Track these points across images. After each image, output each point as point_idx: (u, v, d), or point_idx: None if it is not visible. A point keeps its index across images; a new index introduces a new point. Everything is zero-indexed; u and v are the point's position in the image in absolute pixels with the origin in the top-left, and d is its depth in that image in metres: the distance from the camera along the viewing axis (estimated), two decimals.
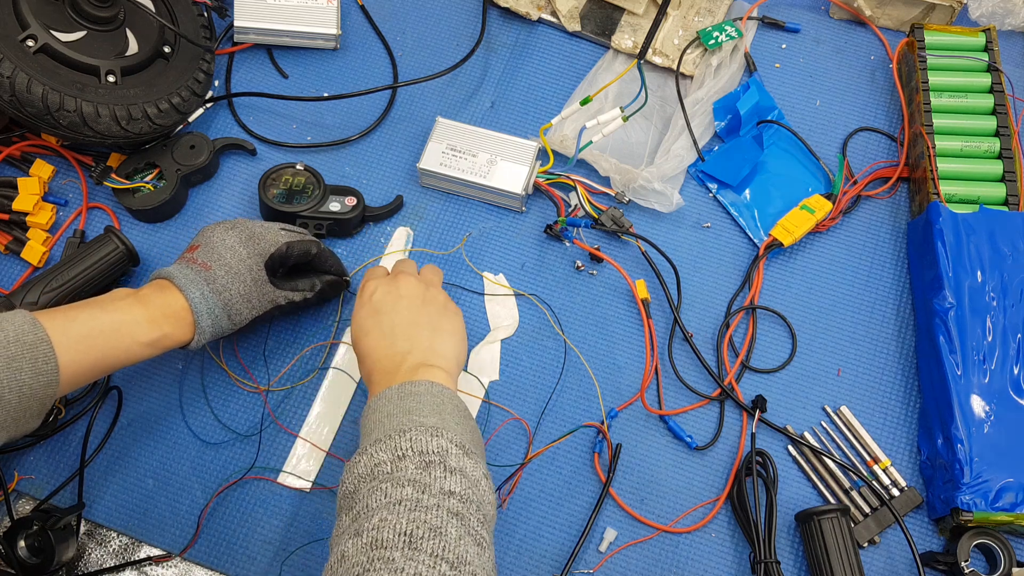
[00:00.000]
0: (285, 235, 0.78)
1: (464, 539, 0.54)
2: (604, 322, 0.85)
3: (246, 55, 0.99)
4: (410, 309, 0.73)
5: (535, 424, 0.81)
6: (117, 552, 0.77)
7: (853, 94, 0.97)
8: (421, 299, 0.74)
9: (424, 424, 0.61)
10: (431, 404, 0.64)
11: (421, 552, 0.51)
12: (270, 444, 0.80)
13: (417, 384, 0.65)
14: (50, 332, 0.64)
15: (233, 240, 0.75)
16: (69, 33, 0.82)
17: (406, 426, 0.60)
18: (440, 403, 0.64)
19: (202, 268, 0.73)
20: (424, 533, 0.53)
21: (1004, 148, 0.86)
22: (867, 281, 0.88)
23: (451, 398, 0.66)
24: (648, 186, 0.87)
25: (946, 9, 0.95)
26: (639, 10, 0.97)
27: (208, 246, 0.75)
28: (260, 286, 0.76)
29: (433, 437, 0.59)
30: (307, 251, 0.79)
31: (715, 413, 0.82)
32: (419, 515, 0.54)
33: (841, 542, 0.73)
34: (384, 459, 0.59)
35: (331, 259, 0.82)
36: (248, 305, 0.75)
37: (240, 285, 0.74)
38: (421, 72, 0.96)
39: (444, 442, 0.59)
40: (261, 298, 0.76)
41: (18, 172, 0.91)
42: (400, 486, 0.56)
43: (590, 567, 0.76)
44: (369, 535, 0.53)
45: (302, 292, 0.79)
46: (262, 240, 0.76)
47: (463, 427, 0.64)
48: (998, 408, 0.76)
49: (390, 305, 0.73)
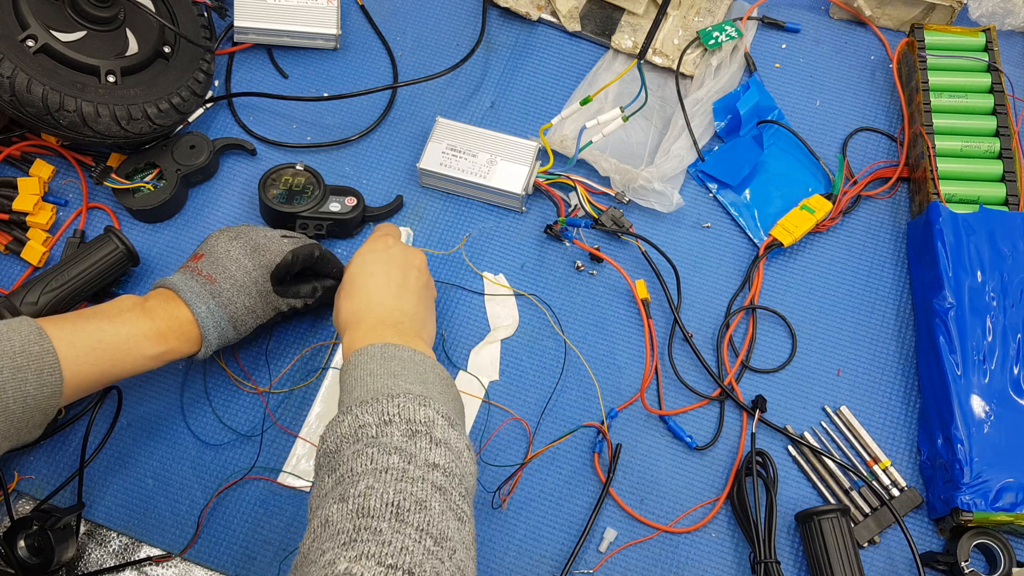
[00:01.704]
0: (288, 243, 0.78)
1: (446, 513, 0.54)
2: (604, 322, 0.85)
3: (246, 55, 0.99)
4: (419, 281, 0.76)
5: (535, 424, 0.81)
6: (117, 552, 0.77)
7: (853, 94, 0.97)
8: (427, 281, 0.77)
9: (411, 391, 0.61)
10: (415, 371, 0.64)
11: (407, 525, 0.51)
12: (270, 444, 0.80)
13: (401, 348, 0.66)
14: (56, 343, 0.64)
15: (238, 252, 0.75)
16: (69, 33, 0.82)
17: (393, 391, 0.61)
18: (423, 371, 0.64)
19: (207, 280, 0.73)
20: (410, 506, 0.53)
21: (1004, 148, 0.86)
22: (867, 281, 0.88)
23: (433, 367, 0.66)
24: (648, 186, 0.87)
25: (946, 9, 0.95)
26: (639, 10, 0.97)
27: (213, 257, 0.75)
28: (265, 297, 0.76)
29: (421, 406, 0.60)
30: (311, 255, 0.79)
31: (715, 413, 0.82)
32: (405, 486, 0.54)
33: (841, 542, 0.73)
34: (370, 422, 0.58)
35: (332, 261, 0.82)
36: (252, 316, 0.76)
37: (246, 298, 0.74)
38: (421, 72, 0.96)
39: (431, 412, 0.60)
40: (265, 307, 0.76)
41: (18, 172, 0.91)
42: (387, 453, 0.56)
43: (590, 567, 0.76)
44: (355, 502, 0.53)
45: (303, 299, 0.79)
46: (267, 252, 0.76)
47: (447, 396, 0.64)
48: (998, 408, 0.76)
49: (404, 266, 0.75)
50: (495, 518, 0.78)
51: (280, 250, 0.77)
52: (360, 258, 0.76)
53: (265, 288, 0.76)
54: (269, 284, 0.76)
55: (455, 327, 0.85)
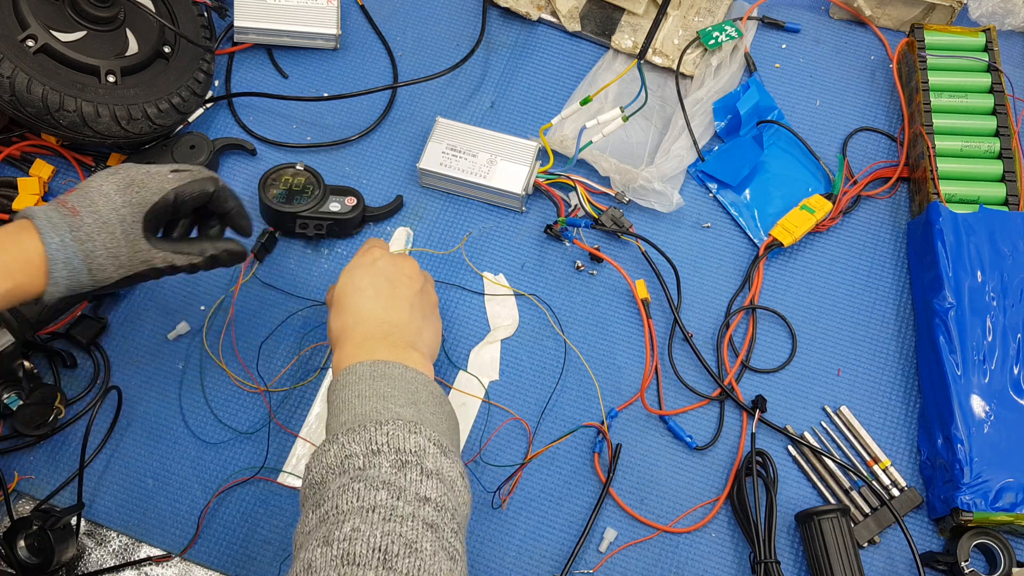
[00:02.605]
0: (173, 180, 0.68)
1: (438, 554, 0.51)
2: (604, 322, 0.85)
3: (246, 55, 0.99)
4: (410, 289, 0.72)
5: (535, 424, 0.81)
6: (117, 552, 0.77)
7: (853, 94, 0.97)
8: (420, 287, 0.74)
9: (401, 416, 0.58)
10: (406, 391, 0.61)
11: (395, 572, 0.49)
12: (270, 444, 0.80)
13: (391, 366, 0.63)
14: None
15: (110, 187, 0.66)
16: (69, 33, 0.82)
17: (383, 416, 0.58)
18: (415, 390, 0.62)
19: (70, 213, 0.64)
20: (399, 550, 0.50)
21: (1004, 148, 0.86)
22: (867, 281, 0.88)
23: (426, 384, 0.63)
24: (648, 186, 0.87)
25: (946, 9, 0.95)
26: (639, 10, 0.97)
27: (83, 190, 0.66)
28: (132, 242, 0.66)
29: (411, 433, 0.57)
30: (203, 192, 0.69)
31: (715, 413, 0.82)
32: (394, 527, 0.51)
33: (841, 542, 0.73)
34: (357, 451, 0.56)
35: (232, 202, 0.72)
36: (115, 262, 0.66)
37: (107, 237, 0.65)
38: (421, 72, 0.96)
39: (422, 440, 0.57)
40: (132, 256, 0.67)
41: (18, 172, 0.91)
42: (374, 488, 0.53)
43: (590, 567, 0.76)
44: (340, 547, 0.50)
45: (187, 256, 0.69)
46: (143, 188, 0.66)
47: (438, 418, 0.61)
48: (998, 408, 0.76)
49: (393, 277, 0.72)
50: (495, 518, 0.78)
51: (160, 188, 0.67)
52: (347, 274, 0.72)
53: (133, 230, 0.66)
54: (139, 227, 0.66)
55: (455, 327, 0.85)
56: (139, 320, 0.85)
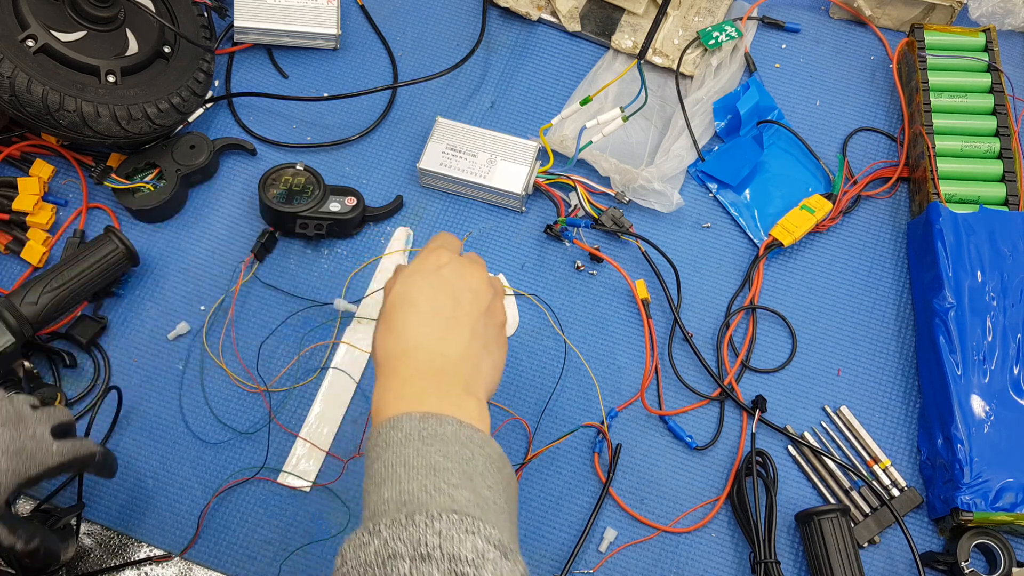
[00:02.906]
0: (57, 454, 0.63)
1: None
2: (604, 322, 0.85)
3: (246, 55, 0.99)
4: (475, 308, 0.60)
5: (535, 424, 0.81)
6: (117, 552, 0.77)
7: (853, 94, 0.97)
8: (487, 307, 0.61)
9: (456, 502, 0.49)
10: (459, 459, 0.52)
11: None
12: (270, 444, 0.80)
13: (443, 422, 0.54)
14: None
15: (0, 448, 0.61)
16: (69, 33, 0.82)
17: (434, 504, 0.49)
18: (469, 457, 0.53)
19: None
20: None
21: (1004, 148, 0.86)
22: (867, 281, 0.88)
23: (482, 446, 0.54)
24: (648, 186, 0.87)
25: (946, 9, 0.95)
26: (639, 10, 0.97)
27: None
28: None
29: (468, 534, 0.47)
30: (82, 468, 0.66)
31: (715, 413, 0.82)
32: None
33: (841, 542, 0.73)
34: (403, 552, 0.46)
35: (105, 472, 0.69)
36: None
37: None
38: (421, 72, 0.96)
39: (480, 542, 0.47)
40: None
41: (18, 172, 0.91)
42: None
43: (590, 567, 0.76)
44: None
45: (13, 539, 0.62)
46: (30, 460, 0.62)
47: (496, 493, 0.53)
48: (998, 408, 0.76)
49: (457, 293, 0.60)
50: None
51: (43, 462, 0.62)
52: (404, 280, 0.61)
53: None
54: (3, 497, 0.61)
55: None
56: (139, 320, 0.85)
